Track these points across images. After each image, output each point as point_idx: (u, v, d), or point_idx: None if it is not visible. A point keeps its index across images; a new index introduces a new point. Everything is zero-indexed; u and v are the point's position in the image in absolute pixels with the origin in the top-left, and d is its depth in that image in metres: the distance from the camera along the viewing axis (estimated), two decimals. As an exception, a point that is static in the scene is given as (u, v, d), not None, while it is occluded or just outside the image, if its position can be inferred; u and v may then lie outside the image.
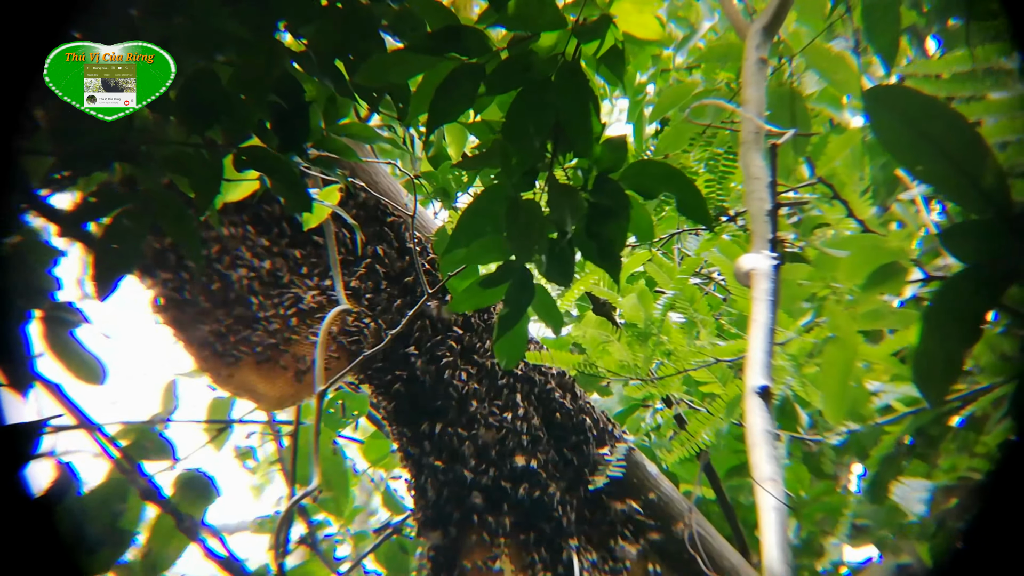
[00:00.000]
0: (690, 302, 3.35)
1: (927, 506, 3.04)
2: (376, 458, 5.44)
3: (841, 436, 3.25)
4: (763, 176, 2.54)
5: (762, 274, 2.37)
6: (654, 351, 3.32)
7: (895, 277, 2.48)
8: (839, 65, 3.55)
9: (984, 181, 1.87)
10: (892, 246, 2.51)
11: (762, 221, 2.47)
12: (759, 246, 2.44)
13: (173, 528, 4.45)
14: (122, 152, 2.25)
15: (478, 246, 2.43)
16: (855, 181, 2.77)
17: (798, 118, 3.48)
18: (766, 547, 1.97)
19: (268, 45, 2.32)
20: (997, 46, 2.53)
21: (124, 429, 4.65)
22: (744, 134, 2.67)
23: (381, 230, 4.17)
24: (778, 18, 2.99)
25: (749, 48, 2.89)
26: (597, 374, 3.49)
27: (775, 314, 2.29)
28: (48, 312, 3.68)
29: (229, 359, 3.93)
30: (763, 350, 2.26)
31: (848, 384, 2.82)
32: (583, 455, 4.06)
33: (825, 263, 2.80)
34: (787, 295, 2.78)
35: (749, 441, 2.14)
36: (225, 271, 3.93)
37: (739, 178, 3.79)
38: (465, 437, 3.96)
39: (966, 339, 2.04)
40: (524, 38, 2.27)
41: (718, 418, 3.29)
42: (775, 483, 2.03)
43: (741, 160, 2.68)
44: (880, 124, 1.95)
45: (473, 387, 4.00)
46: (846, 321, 2.76)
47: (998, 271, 1.94)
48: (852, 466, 4.50)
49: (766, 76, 2.84)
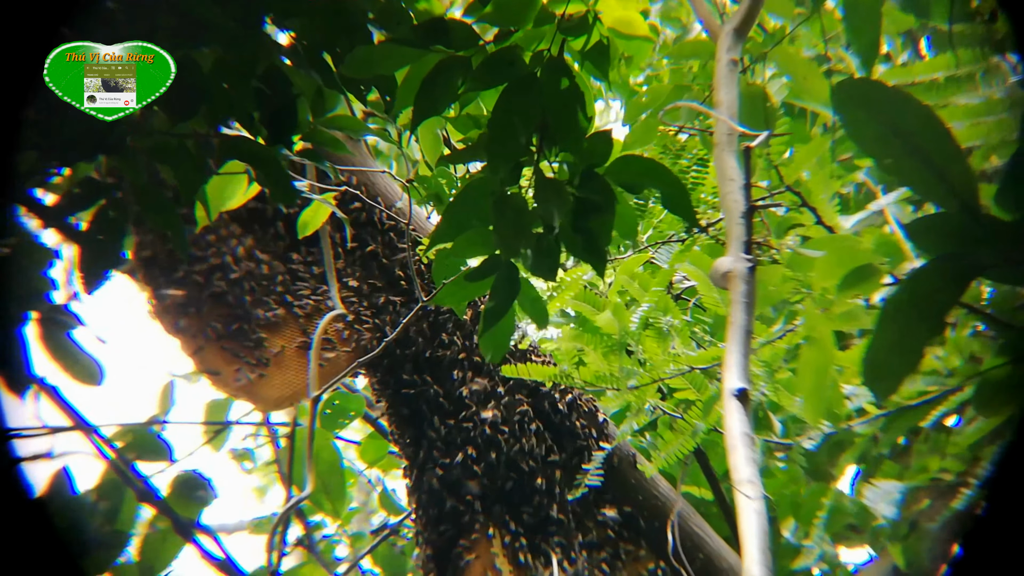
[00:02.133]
0: (664, 312, 3.34)
1: (898, 508, 3.04)
2: (373, 459, 5.44)
3: (814, 441, 3.24)
4: (737, 178, 2.52)
5: (738, 276, 2.36)
6: (631, 362, 3.32)
7: (870, 278, 2.46)
8: (807, 69, 3.56)
9: (951, 175, 1.86)
10: (866, 247, 2.51)
11: (737, 223, 2.46)
12: (735, 248, 2.42)
13: (169, 529, 4.46)
14: (107, 143, 2.25)
15: (464, 240, 2.42)
16: (823, 188, 2.77)
17: (769, 119, 3.48)
18: (746, 550, 1.96)
19: (255, 37, 2.32)
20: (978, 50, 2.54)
21: (121, 431, 4.66)
22: (717, 136, 2.66)
23: (380, 232, 4.17)
24: (749, 20, 2.98)
25: (720, 50, 2.88)
26: (573, 385, 3.49)
27: (752, 316, 2.28)
28: (44, 314, 3.69)
29: (227, 360, 3.93)
30: (740, 352, 2.25)
31: (825, 384, 2.81)
32: (581, 456, 4.06)
33: (800, 264, 2.80)
34: (763, 297, 2.77)
35: (727, 444, 2.13)
36: (223, 272, 3.94)
37: (709, 188, 3.82)
38: (464, 438, 3.96)
39: (927, 333, 2.02)
40: (510, 32, 2.27)
41: (694, 424, 3.29)
42: (753, 485, 2.02)
43: (715, 162, 2.67)
44: (849, 118, 1.94)
45: (473, 388, 4.01)
46: (822, 322, 2.75)
47: (963, 265, 1.93)
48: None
49: (737, 78, 2.83)
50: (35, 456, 4.00)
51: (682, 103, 3.70)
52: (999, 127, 2.52)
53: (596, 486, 3.89)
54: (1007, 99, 2.57)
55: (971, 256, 1.88)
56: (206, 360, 3.98)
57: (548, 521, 3.95)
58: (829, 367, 2.78)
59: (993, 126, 2.48)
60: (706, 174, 3.77)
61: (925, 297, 1.92)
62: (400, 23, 2.39)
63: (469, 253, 2.46)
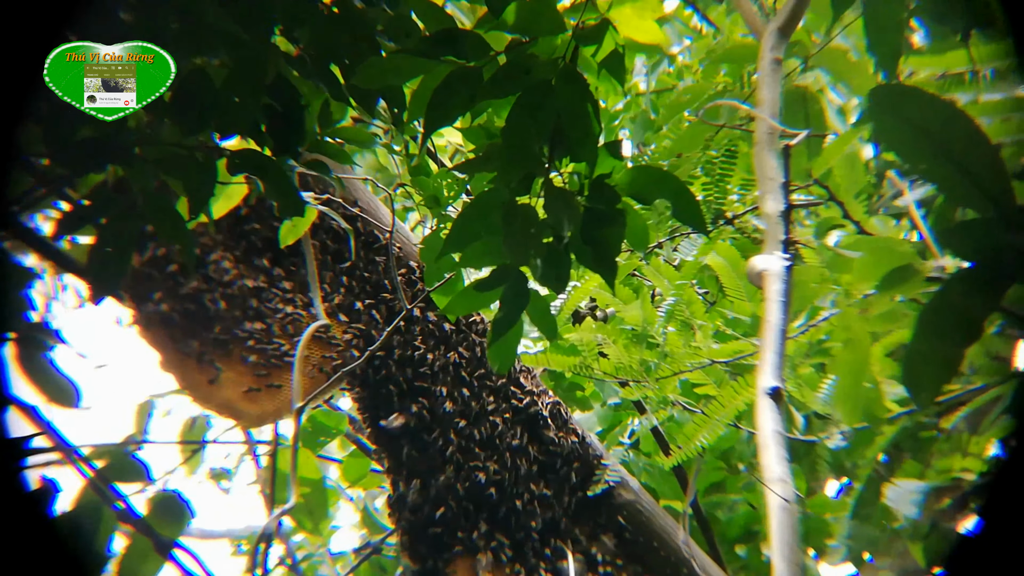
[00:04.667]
0: (687, 305, 3.35)
1: (919, 508, 3.04)
2: (355, 477, 5.39)
3: (836, 439, 3.26)
4: (777, 177, 2.54)
5: (774, 275, 2.37)
6: (655, 355, 3.32)
7: (911, 279, 2.47)
8: (854, 68, 3.57)
9: (987, 180, 1.87)
10: (906, 248, 2.51)
11: (775, 222, 2.47)
12: (772, 247, 2.44)
13: (149, 549, 4.39)
14: (116, 153, 2.23)
15: (472, 251, 2.42)
16: (851, 184, 2.78)
17: (811, 119, 3.50)
18: (775, 547, 1.97)
19: (263, 47, 2.31)
20: (995, 47, 2.55)
21: (98, 450, 4.59)
22: (758, 134, 2.68)
23: (363, 243, 4.16)
24: (794, 19, 3.00)
25: (764, 49, 2.90)
26: (593, 376, 3.48)
27: (787, 315, 2.29)
28: (22, 334, 3.64)
29: (210, 376, 3.89)
30: (775, 351, 2.26)
31: (862, 385, 2.82)
32: (569, 471, 4.05)
33: (838, 264, 2.81)
34: (800, 297, 2.79)
35: (759, 442, 2.13)
36: (208, 288, 3.91)
37: (736, 181, 3.82)
38: (449, 453, 3.95)
39: (963, 340, 2.03)
40: (523, 42, 2.27)
41: (714, 420, 3.29)
42: (785, 484, 2.02)
43: (755, 160, 2.69)
44: (883, 124, 1.96)
45: (459, 405, 3.99)
46: (859, 323, 2.76)
47: (1000, 271, 1.94)
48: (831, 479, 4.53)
49: (780, 77, 2.85)
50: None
51: (723, 101, 3.70)
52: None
53: (584, 499, 3.90)
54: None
55: (1008, 263, 1.89)
56: (189, 376, 3.95)
57: (534, 535, 3.94)
58: (866, 368, 2.79)
59: (1021, 123, 2.48)
60: (734, 165, 3.76)
61: (960, 305, 1.93)
62: (409, 34, 2.39)
63: (478, 263, 2.46)
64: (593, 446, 4.14)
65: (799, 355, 3.14)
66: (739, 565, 4.74)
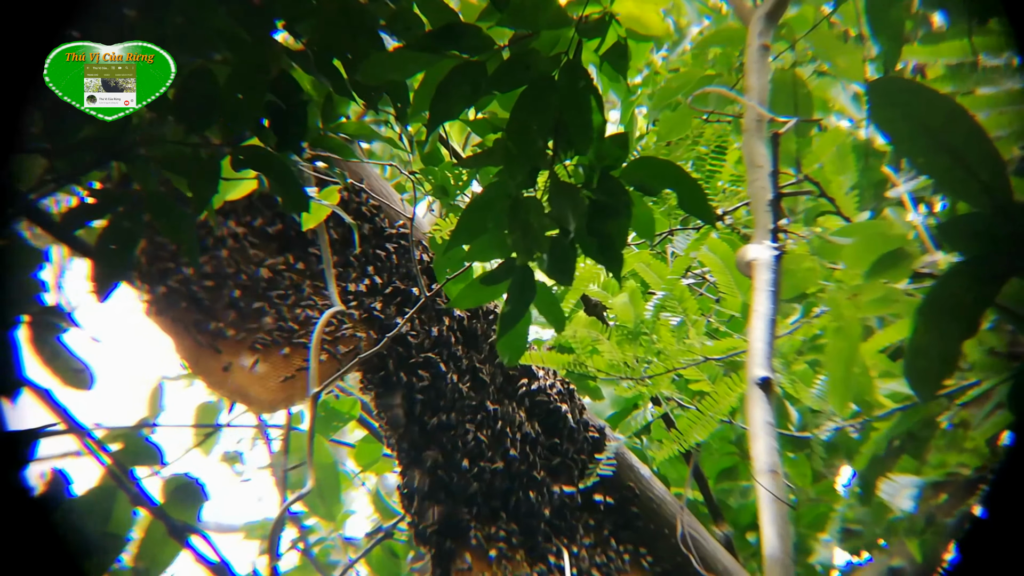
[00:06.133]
0: (679, 301, 3.34)
1: (915, 502, 3.04)
2: (367, 462, 5.41)
3: (829, 433, 3.25)
4: (765, 165, 2.53)
5: (763, 264, 2.36)
6: (646, 351, 3.31)
7: (902, 263, 2.46)
8: (843, 50, 3.55)
9: (984, 174, 1.86)
10: (897, 232, 2.49)
11: (764, 211, 2.46)
12: (761, 236, 2.43)
13: (165, 533, 4.42)
14: (119, 151, 2.24)
15: (479, 244, 2.42)
16: (841, 179, 2.77)
17: (800, 105, 3.48)
18: (766, 539, 1.97)
19: (265, 43, 2.31)
20: (994, 40, 2.53)
21: (112, 433, 4.62)
22: (746, 122, 2.67)
23: (377, 232, 4.16)
24: (781, 5, 2.98)
25: (752, 35, 2.89)
26: (587, 374, 3.48)
27: (776, 305, 2.29)
28: (35, 317, 3.66)
29: (224, 362, 3.91)
30: (764, 341, 2.25)
31: (852, 372, 2.81)
32: (577, 458, 4.06)
33: (828, 251, 2.79)
34: (789, 285, 2.77)
35: (750, 432, 2.13)
36: (222, 274, 3.91)
37: (726, 176, 3.82)
38: (461, 441, 3.96)
39: (962, 334, 2.02)
40: (526, 36, 2.26)
41: (708, 415, 3.29)
42: (775, 474, 2.02)
43: (743, 148, 2.68)
44: (882, 116, 1.95)
45: (470, 392, 4.00)
46: (849, 309, 2.74)
47: (997, 265, 1.93)
48: (841, 466, 4.51)
49: (769, 63, 2.83)
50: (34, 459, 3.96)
51: (711, 88, 3.68)
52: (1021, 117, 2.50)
53: (595, 485, 3.90)
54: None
55: (1004, 257, 1.88)
56: (202, 361, 3.96)
57: (544, 522, 3.96)
58: (856, 355, 2.77)
59: (1016, 115, 2.47)
60: (723, 162, 3.76)
61: (958, 299, 1.92)
62: (412, 29, 2.39)
63: (485, 257, 2.46)
64: (604, 432, 4.14)
65: (792, 351, 3.13)
66: (750, 552, 4.75)
